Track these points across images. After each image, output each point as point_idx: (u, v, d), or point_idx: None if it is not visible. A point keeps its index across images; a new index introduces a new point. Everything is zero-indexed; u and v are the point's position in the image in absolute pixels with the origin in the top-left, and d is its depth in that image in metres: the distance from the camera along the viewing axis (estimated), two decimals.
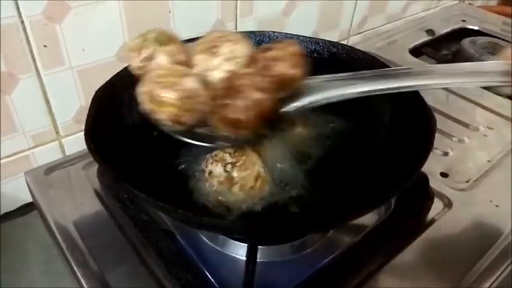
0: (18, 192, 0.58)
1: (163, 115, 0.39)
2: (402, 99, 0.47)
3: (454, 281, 0.45)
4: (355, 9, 0.89)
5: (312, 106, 0.42)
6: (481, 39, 0.91)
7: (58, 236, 0.48)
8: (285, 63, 0.41)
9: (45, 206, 0.51)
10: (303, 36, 0.57)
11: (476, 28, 1.00)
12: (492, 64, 0.37)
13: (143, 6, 0.57)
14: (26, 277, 0.55)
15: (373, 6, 0.92)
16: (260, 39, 0.56)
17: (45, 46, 0.52)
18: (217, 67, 0.42)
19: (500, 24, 1.01)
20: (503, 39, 0.92)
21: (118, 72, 0.47)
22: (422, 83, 0.39)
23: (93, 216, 0.50)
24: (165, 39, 0.43)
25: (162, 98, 0.38)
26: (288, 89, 0.41)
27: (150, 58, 0.43)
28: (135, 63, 0.43)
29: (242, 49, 0.43)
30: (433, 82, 0.39)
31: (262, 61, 0.41)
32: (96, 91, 0.44)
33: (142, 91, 0.39)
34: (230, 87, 0.39)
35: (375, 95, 0.51)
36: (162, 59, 0.42)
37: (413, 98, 0.46)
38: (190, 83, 0.39)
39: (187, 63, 0.43)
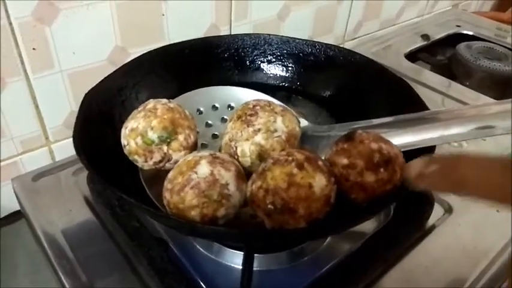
0: (7, 200, 0.56)
1: (195, 219, 0.35)
2: (401, 103, 0.46)
3: (457, 287, 0.44)
4: (349, 14, 0.88)
5: None
6: (477, 44, 0.91)
7: (45, 245, 0.46)
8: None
9: (33, 213, 0.49)
10: (299, 38, 0.56)
11: (471, 33, 1.00)
12: None
13: (135, 8, 0.56)
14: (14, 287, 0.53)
15: (367, 11, 0.92)
16: (255, 42, 0.56)
17: (34, 49, 0.50)
18: (247, 139, 0.39)
19: (494, 29, 1.01)
20: (498, 44, 0.92)
21: (108, 75, 0.45)
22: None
23: (82, 223, 0.48)
24: (168, 133, 0.40)
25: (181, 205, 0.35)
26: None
27: (162, 161, 0.40)
28: (143, 166, 0.41)
29: (283, 123, 0.39)
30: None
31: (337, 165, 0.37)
32: (86, 94, 0.43)
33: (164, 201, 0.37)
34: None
35: (374, 98, 0.50)
36: (178, 156, 0.40)
37: (413, 103, 0.45)
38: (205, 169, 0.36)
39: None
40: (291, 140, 0.40)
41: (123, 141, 0.41)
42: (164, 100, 0.43)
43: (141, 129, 0.40)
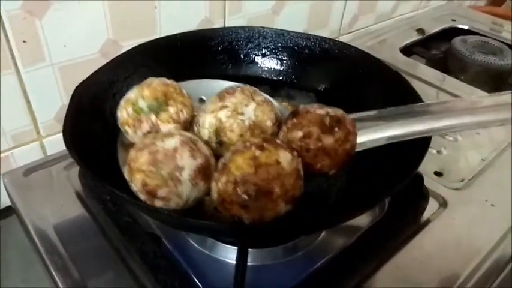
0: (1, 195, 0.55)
1: (136, 184, 0.34)
2: (397, 97, 0.46)
3: (451, 282, 0.44)
4: (344, 8, 0.88)
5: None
6: (472, 38, 0.91)
7: (36, 240, 0.45)
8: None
9: (24, 208, 0.49)
10: (294, 31, 0.55)
11: (466, 27, 1.00)
12: None
13: (128, 1, 0.55)
14: (5, 285, 0.52)
15: (362, 5, 0.91)
16: (249, 35, 0.55)
17: (24, 42, 0.49)
18: (212, 112, 0.38)
19: (489, 24, 1.01)
20: (493, 38, 0.92)
21: (99, 68, 0.45)
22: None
23: (74, 219, 0.48)
24: (159, 103, 0.40)
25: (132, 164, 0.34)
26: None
27: (150, 132, 0.40)
28: (133, 138, 0.41)
29: (253, 111, 0.38)
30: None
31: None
32: (76, 87, 0.42)
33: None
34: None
35: (370, 91, 0.50)
36: (166, 128, 0.39)
37: (409, 96, 0.45)
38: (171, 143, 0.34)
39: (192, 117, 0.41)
40: (254, 131, 0.38)
41: (118, 113, 0.41)
42: (163, 78, 0.42)
43: (133, 99, 0.40)
